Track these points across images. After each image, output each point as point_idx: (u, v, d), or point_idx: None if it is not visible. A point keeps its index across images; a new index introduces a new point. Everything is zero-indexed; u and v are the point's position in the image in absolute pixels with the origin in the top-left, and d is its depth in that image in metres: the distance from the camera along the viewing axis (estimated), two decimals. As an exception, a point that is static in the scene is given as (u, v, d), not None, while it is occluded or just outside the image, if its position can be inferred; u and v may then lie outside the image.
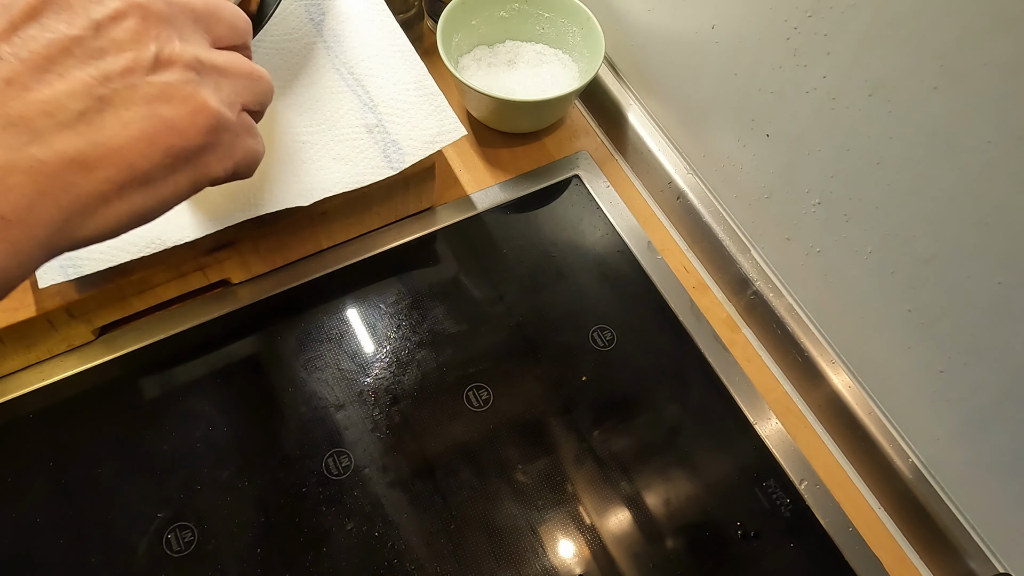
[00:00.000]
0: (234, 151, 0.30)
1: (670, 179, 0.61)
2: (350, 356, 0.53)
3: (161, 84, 0.27)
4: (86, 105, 0.25)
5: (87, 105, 0.25)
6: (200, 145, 0.28)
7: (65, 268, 0.45)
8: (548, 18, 0.65)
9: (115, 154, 0.26)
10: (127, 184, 0.27)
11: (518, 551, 0.47)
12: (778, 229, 0.54)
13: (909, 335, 0.46)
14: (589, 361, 0.54)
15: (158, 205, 0.28)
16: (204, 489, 0.48)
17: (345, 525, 0.47)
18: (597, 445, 0.51)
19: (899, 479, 0.50)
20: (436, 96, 0.54)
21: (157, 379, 0.52)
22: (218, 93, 0.29)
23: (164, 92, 0.27)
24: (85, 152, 0.25)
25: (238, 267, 0.53)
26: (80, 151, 0.25)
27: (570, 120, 0.67)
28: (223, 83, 0.30)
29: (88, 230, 0.27)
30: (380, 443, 0.50)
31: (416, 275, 0.57)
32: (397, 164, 0.51)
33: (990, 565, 0.47)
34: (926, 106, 0.38)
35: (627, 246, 0.60)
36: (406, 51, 0.56)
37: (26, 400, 0.50)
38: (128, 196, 0.27)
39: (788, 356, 0.55)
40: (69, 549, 0.45)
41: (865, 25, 0.40)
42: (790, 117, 0.48)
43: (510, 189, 0.62)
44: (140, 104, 0.27)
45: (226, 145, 0.30)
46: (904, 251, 0.44)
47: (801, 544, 0.49)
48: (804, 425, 0.54)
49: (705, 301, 0.59)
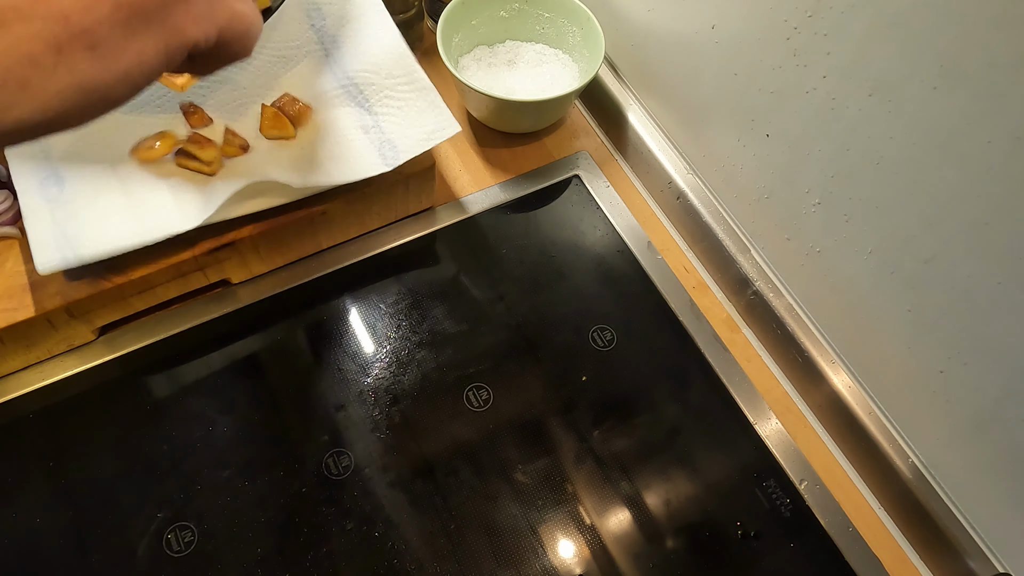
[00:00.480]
0: (215, 11, 0.24)
1: (670, 179, 0.61)
2: (350, 356, 0.53)
3: None
4: None
5: None
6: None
7: (64, 253, 0.45)
8: (548, 18, 0.65)
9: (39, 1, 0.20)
10: (67, 45, 0.21)
11: (518, 551, 0.47)
12: (778, 229, 0.54)
13: (909, 335, 0.46)
14: (589, 361, 0.54)
15: (117, 77, 0.22)
16: (204, 489, 0.48)
17: (345, 525, 0.47)
18: (597, 445, 0.51)
19: (899, 479, 0.50)
20: (431, 93, 0.54)
21: (157, 379, 0.52)
22: None
23: None
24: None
25: (238, 267, 0.53)
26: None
27: (570, 120, 0.67)
28: None
29: (25, 108, 0.21)
30: (380, 443, 0.50)
31: (416, 275, 0.57)
32: (392, 161, 0.51)
33: (990, 565, 0.47)
34: (926, 106, 0.38)
35: (627, 246, 0.60)
36: (402, 52, 0.56)
37: (26, 400, 0.50)
38: (71, 62, 0.21)
39: (788, 356, 0.55)
40: (69, 549, 0.45)
41: (865, 25, 0.40)
42: (790, 117, 0.48)
43: (510, 189, 0.62)
44: None
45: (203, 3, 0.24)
46: (904, 251, 0.44)
47: (801, 544, 0.49)
48: (804, 425, 0.54)
49: (705, 301, 0.59)
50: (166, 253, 0.49)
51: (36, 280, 0.47)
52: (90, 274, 0.48)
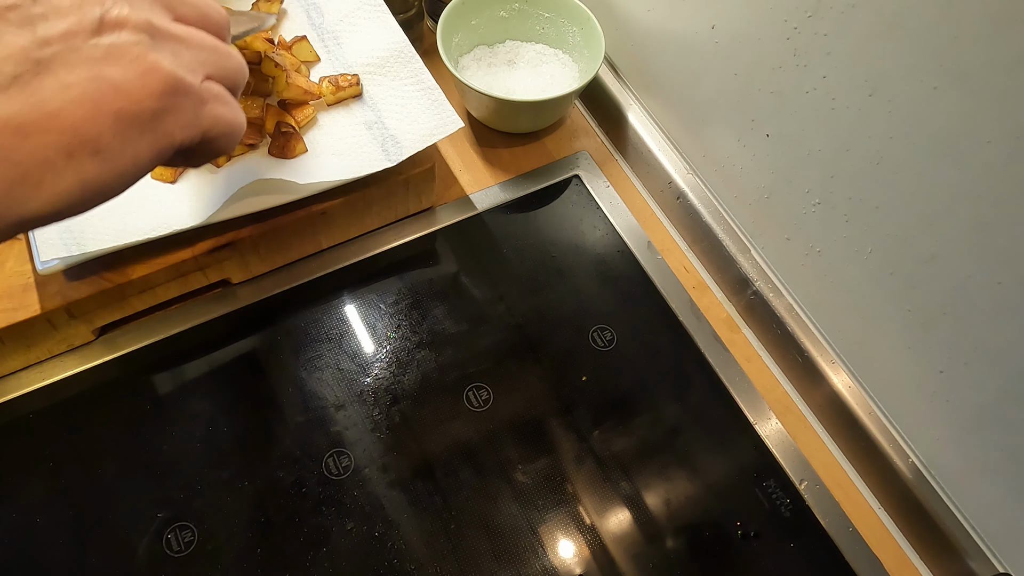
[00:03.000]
0: (200, 118, 0.28)
1: (670, 179, 0.61)
2: (350, 356, 0.53)
3: (107, 46, 0.26)
4: (21, 69, 0.24)
5: (23, 68, 0.24)
6: (154, 109, 0.26)
7: (67, 243, 0.45)
8: (548, 18, 0.65)
9: (55, 118, 0.24)
10: (75, 151, 0.25)
11: (518, 551, 0.47)
12: (778, 229, 0.54)
13: (909, 335, 0.46)
14: (589, 361, 0.54)
15: (116, 176, 0.27)
16: (204, 489, 0.48)
17: (345, 525, 0.47)
18: (597, 445, 0.51)
19: (899, 479, 0.50)
20: (434, 91, 0.54)
21: (157, 379, 0.52)
22: (176, 58, 0.27)
23: (110, 53, 0.26)
24: (20, 115, 0.24)
25: (238, 267, 0.53)
26: (14, 114, 0.24)
27: (570, 120, 0.67)
28: (182, 51, 0.28)
29: (36, 202, 0.25)
30: (380, 443, 0.50)
31: (416, 275, 0.57)
32: (395, 156, 0.51)
33: (990, 565, 0.47)
34: (926, 106, 0.38)
35: (627, 246, 0.60)
36: (404, 48, 0.56)
37: (26, 400, 0.50)
38: (78, 164, 0.25)
39: (788, 356, 0.55)
40: (69, 549, 0.45)
41: (865, 25, 0.40)
42: (790, 117, 0.48)
43: (510, 189, 0.62)
44: (82, 66, 0.25)
45: (188, 111, 0.28)
46: (904, 251, 0.44)
47: (801, 544, 0.49)
48: (804, 425, 0.54)
49: (705, 301, 0.59)
50: (166, 253, 0.49)
51: (36, 280, 0.47)
52: (90, 274, 0.48)
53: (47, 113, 0.24)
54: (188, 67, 0.28)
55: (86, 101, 0.25)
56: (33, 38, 0.24)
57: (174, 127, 0.27)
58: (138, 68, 0.26)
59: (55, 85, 0.25)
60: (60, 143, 0.25)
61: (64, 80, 0.25)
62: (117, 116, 0.26)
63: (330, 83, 0.54)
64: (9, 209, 0.24)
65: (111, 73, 0.25)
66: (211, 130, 0.29)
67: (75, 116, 0.25)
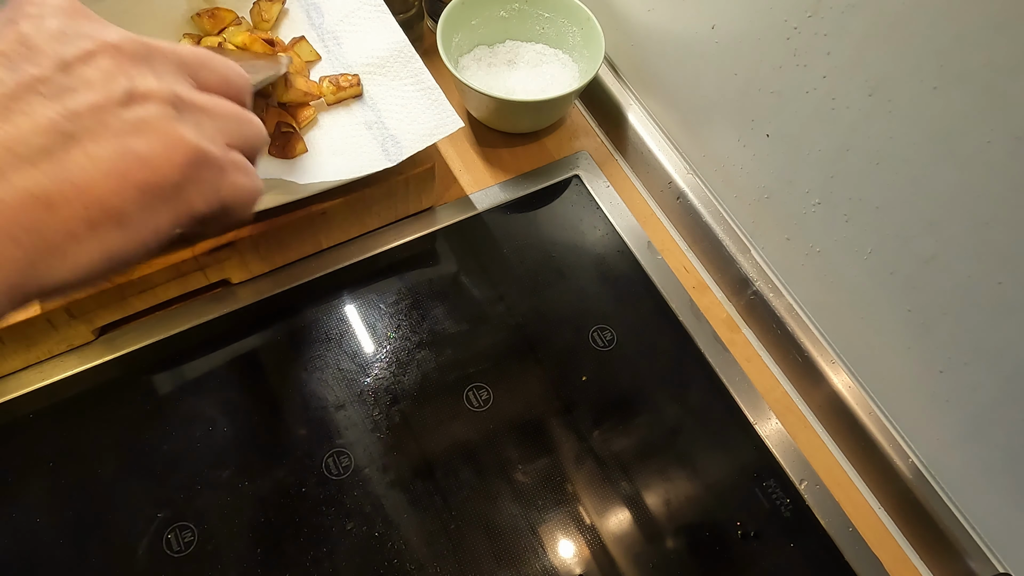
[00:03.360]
0: (220, 188, 0.29)
1: (670, 179, 0.61)
2: (350, 356, 0.53)
3: (134, 119, 0.26)
4: (51, 141, 0.24)
5: (52, 141, 0.24)
6: (177, 181, 0.27)
7: None
8: (548, 18, 0.65)
9: (82, 191, 0.25)
10: (99, 223, 0.25)
11: (518, 551, 0.47)
12: (778, 229, 0.54)
13: (909, 335, 0.46)
14: (589, 361, 0.54)
15: (138, 246, 0.27)
16: (204, 489, 0.48)
17: (345, 525, 0.47)
18: (597, 445, 0.51)
19: (899, 479, 0.50)
20: (434, 91, 0.54)
21: (157, 379, 0.52)
22: (199, 129, 0.28)
23: (137, 127, 0.26)
24: (49, 189, 0.24)
25: (238, 267, 0.53)
26: (43, 188, 0.24)
27: (570, 120, 0.67)
28: (205, 121, 0.29)
29: (60, 273, 0.25)
30: (380, 443, 0.50)
31: (416, 275, 0.57)
32: (395, 156, 0.51)
33: (990, 565, 0.47)
34: (926, 106, 0.38)
35: (627, 246, 0.60)
36: (404, 48, 0.56)
37: (26, 400, 0.50)
38: (102, 236, 0.25)
39: (788, 356, 0.55)
40: (69, 549, 0.45)
41: (865, 25, 0.40)
42: (790, 117, 0.48)
43: (510, 189, 0.62)
44: (110, 139, 0.25)
45: (210, 182, 0.28)
46: (904, 251, 0.44)
47: (801, 544, 0.49)
48: (804, 425, 0.54)
49: (705, 301, 0.59)
50: (166, 252, 0.49)
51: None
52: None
53: (74, 186, 0.24)
54: (211, 137, 0.28)
55: (113, 174, 0.25)
56: (63, 111, 0.25)
57: (195, 197, 0.28)
58: (164, 141, 0.26)
59: (82, 158, 0.25)
60: (86, 215, 0.25)
61: (91, 153, 0.25)
62: (142, 188, 0.26)
63: (330, 83, 0.54)
64: (32, 279, 0.25)
65: (137, 145, 0.26)
66: (230, 199, 0.29)
67: (101, 189, 0.25)
